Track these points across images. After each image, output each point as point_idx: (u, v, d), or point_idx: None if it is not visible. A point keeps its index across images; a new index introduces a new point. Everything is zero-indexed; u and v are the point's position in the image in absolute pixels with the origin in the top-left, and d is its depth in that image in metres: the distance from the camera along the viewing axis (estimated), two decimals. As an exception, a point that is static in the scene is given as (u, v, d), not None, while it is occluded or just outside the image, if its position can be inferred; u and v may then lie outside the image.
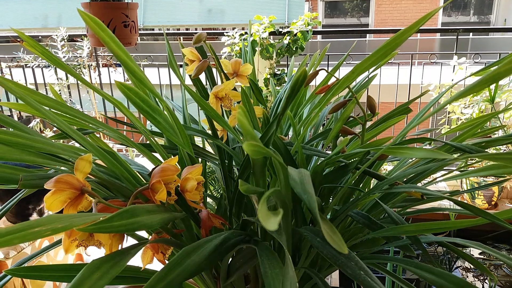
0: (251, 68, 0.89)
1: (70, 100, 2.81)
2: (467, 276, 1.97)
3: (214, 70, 0.91)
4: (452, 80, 2.56)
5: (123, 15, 1.27)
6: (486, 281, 1.95)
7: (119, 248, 0.52)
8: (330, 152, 0.80)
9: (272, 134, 0.56)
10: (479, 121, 0.79)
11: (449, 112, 2.55)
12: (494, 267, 1.94)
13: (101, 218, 0.47)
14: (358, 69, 0.62)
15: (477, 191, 2.47)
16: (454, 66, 2.52)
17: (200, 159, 0.93)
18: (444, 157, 0.50)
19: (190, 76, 0.85)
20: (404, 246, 0.72)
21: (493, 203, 2.50)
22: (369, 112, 0.78)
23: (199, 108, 0.75)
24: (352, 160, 0.70)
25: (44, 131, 2.56)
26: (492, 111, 2.33)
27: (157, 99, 0.66)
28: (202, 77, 0.94)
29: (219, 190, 1.57)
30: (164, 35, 0.82)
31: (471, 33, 7.26)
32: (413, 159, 0.84)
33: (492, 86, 2.03)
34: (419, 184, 0.82)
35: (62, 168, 0.61)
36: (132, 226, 0.44)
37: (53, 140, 0.65)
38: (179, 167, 0.60)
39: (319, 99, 0.80)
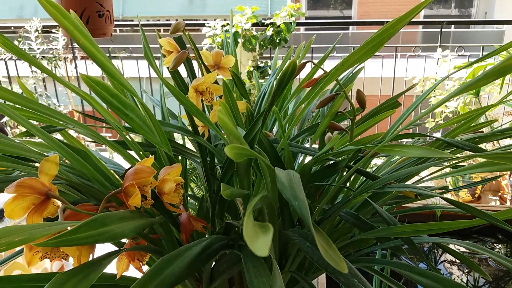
0: (234, 60, 0.84)
1: (46, 94, 2.71)
2: (452, 269, 1.98)
3: (194, 62, 0.86)
4: (436, 73, 2.56)
5: (97, 4, 1.20)
6: (471, 274, 1.95)
7: (90, 259, 0.47)
8: (317, 149, 0.76)
9: (258, 131, 0.52)
10: (472, 115, 0.76)
11: (432, 105, 2.54)
12: (479, 260, 1.94)
13: (68, 228, 0.42)
14: (348, 61, 0.58)
15: (461, 184, 2.48)
16: (438, 59, 2.52)
17: (179, 157, 0.88)
18: (443, 157, 0.47)
19: (168, 68, 0.80)
20: (395, 247, 0.69)
21: (476, 195, 2.52)
22: (357, 107, 0.75)
23: (180, 103, 0.70)
24: (341, 158, 0.66)
25: (18, 127, 2.47)
26: (476, 104, 2.34)
27: (130, 94, 0.61)
28: (182, 69, 0.89)
29: (201, 188, 1.53)
30: (139, 25, 0.76)
31: (452, 26, 7.30)
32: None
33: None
34: (410, 181, 0.79)
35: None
36: (101, 237, 0.39)
37: (17, 140, 0.60)
38: (155, 168, 0.55)
39: (305, 93, 0.75)
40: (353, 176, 0.82)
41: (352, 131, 0.73)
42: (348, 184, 0.84)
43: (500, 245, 2.03)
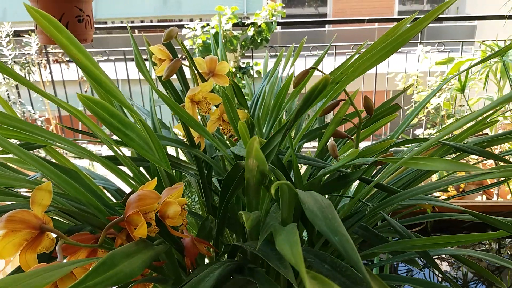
0: (228, 66, 0.80)
1: (20, 101, 2.59)
2: (442, 264, 1.98)
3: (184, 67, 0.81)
4: (418, 69, 2.56)
5: (77, 8, 1.14)
6: (460, 269, 1.96)
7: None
8: (324, 160, 0.73)
9: (274, 149, 0.48)
10: (481, 116, 0.74)
11: (415, 102, 2.55)
12: (468, 256, 1.95)
13: (71, 269, 0.37)
14: (359, 68, 0.55)
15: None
16: (419, 55, 2.52)
17: (174, 171, 0.83)
18: (473, 171, 0.44)
19: (158, 77, 0.75)
20: (409, 260, 0.66)
21: (460, 189, 2.53)
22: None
23: (172, 114, 0.65)
24: (354, 169, 0.63)
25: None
26: (461, 100, 2.35)
27: (125, 110, 0.56)
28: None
29: (190, 196, 1.47)
30: (129, 31, 0.71)
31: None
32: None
33: (463, 75, 2.03)
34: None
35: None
36: (111, 281, 0.34)
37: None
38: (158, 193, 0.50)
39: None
40: (356, 184, 0.79)
41: (358, 138, 0.70)
42: (353, 194, 0.81)
43: (489, 240, 2.05)
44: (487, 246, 2.09)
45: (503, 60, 1.84)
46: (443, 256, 2.03)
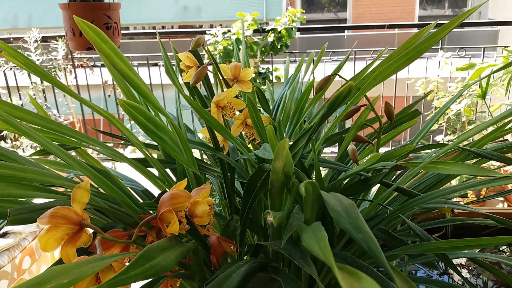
0: (252, 72, 0.83)
1: (46, 105, 2.67)
2: (462, 271, 1.97)
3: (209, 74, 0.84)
4: (438, 75, 2.55)
5: (105, 16, 1.18)
6: (480, 276, 1.94)
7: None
8: (344, 165, 0.75)
9: (299, 151, 0.50)
10: (500, 121, 0.75)
11: (435, 108, 2.53)
12: (490, 263, 1.93)
13: (111, 262, 0.40)
14: (381, 74, 0.57)
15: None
16: (440, 61, 2.51)
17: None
18: (492, 175, 0.45)
19: (186, 83, 0.79)
20: (428, 263, 0.68)
21: (481, 197, 2.50)
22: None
23: (199, 118, 0.68)
24: (372, 173, 0.64)
25: (19, 139, 2.44)
26: (483, 106, 2.33)
27: (160, 114, 0.59)
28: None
29: (219, 203, 1.50)
30: (158, 38, 0.74)
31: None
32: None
33: (484, 81, 2.01)
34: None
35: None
36: (149, 273, 0.37)
37: (32, 159, 0.58)
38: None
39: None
40: (376, 189, 0.80)
41: (378, 143, 0.72)
42: (373, 198, 0.82)
43: (509, 247, 2.02)
44: (508, 254, 2.06)
45: (526, 66, 1.82)
46: (463, 263, 2.01)
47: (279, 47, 2.56)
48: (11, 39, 2.64)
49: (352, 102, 0.60)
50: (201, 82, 0.85)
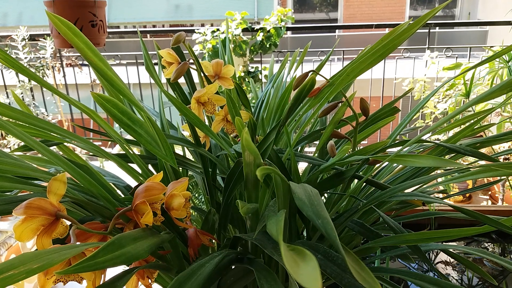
0: (233, 70, 0.84)
1: (34, 103, 2.67)
2: (447, 269, 1.99)
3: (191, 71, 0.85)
4: (425, 74, 2.58)
5: (90, 14, 1.19)
6: (465, 273, 1.97)
7: (102, 281, 0.47)
8: (320, 159, 0.76)
9: (270, 144, 0.51)
10: (473, 118, 0.77)
11: (422, 107, 2.56)
12: (473, 260, 1.96)
13: (83, 249, 0.41)
14: (354, 71, 0.59)
15: (451, 184, 2.50)
16: (427, 60, 2.54)
17: (180, 169, 0.87)
18: (455, 167, 0.47)
19: (167, 79, 0.80)
20: (402, 255, 0.69)
21: (467, 195, 2.54)
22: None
23: (180, 114, 0.69)
24: (347, 167, 0.66)
25: (6, 137, 2.43)
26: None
27: (135, 109, 0.60)
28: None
29: (197, 196, 1.51)
30: (139, 35, 0.75)
31: (437, 27, 7.40)
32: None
33: (468, 80, 2.05)
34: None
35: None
36: (119, 260, 0.38)
37: (15, 155, 0.59)
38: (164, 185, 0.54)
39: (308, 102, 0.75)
40: (354, 183, 0.82)
41: (355, 138, 0.73)
42: (348, 191, 0.84)
43: (493, 244, 2.06)
44: (490, 250, 2.09)
45: (509, 66, 1.86)
46: (447, 260, 2.04)
47: (268, 46, 2.58)
48: (-1, 37, 2.63)
49: (327, 98, 0.62)
50: (185, 79, 0.86)
